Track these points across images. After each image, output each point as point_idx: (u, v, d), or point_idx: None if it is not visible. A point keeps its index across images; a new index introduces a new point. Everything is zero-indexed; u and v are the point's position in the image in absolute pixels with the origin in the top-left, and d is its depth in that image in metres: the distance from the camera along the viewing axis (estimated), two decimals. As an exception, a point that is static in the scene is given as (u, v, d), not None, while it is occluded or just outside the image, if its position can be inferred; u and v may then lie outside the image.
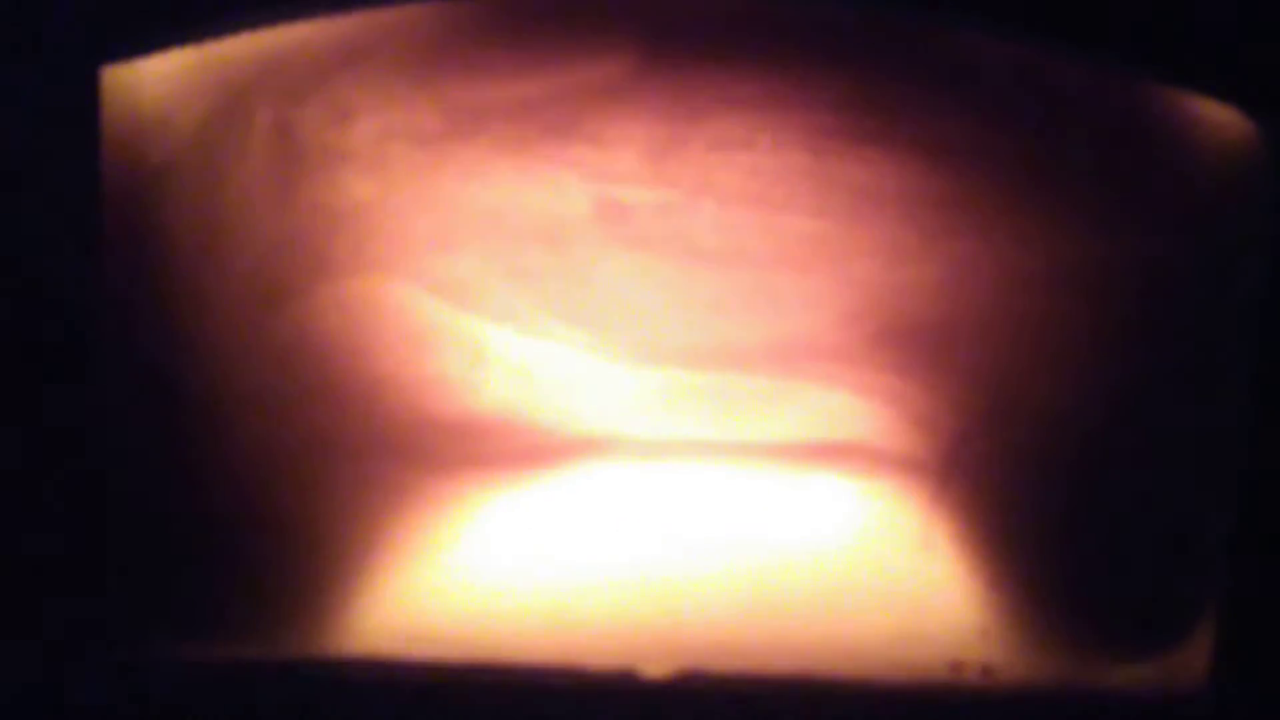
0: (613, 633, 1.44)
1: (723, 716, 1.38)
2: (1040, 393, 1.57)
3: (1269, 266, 1.33)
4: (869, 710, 1.38)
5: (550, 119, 1.60)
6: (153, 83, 1.35)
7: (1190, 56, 1.29)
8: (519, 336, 1.67)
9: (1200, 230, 1.41)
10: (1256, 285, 1.34)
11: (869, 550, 1.57)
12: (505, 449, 1.66)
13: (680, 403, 1.69)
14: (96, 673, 1.36)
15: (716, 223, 1.65)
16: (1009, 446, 1.58)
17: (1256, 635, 1.37)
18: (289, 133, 1.55)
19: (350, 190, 1.60)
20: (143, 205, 1.37)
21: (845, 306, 1.65)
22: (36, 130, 1.30)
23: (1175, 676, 1.40)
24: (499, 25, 1.55)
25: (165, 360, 1.41)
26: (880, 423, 1.67)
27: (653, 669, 1.39)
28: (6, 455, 1.34)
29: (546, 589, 1.50)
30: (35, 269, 1.32)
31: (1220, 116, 1.33)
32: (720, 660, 1.40)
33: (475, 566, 1.54)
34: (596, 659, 1.40)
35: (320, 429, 1.58)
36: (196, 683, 1.38)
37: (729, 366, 1.68)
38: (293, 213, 1.57)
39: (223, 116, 1.45)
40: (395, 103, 1.57)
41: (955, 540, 1.57)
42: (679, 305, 1.67)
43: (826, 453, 1.68)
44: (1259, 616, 1.37)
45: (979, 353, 1.62)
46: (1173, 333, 1.45)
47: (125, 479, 1.37)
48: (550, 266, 1.66)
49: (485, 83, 1.58)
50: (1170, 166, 1.43)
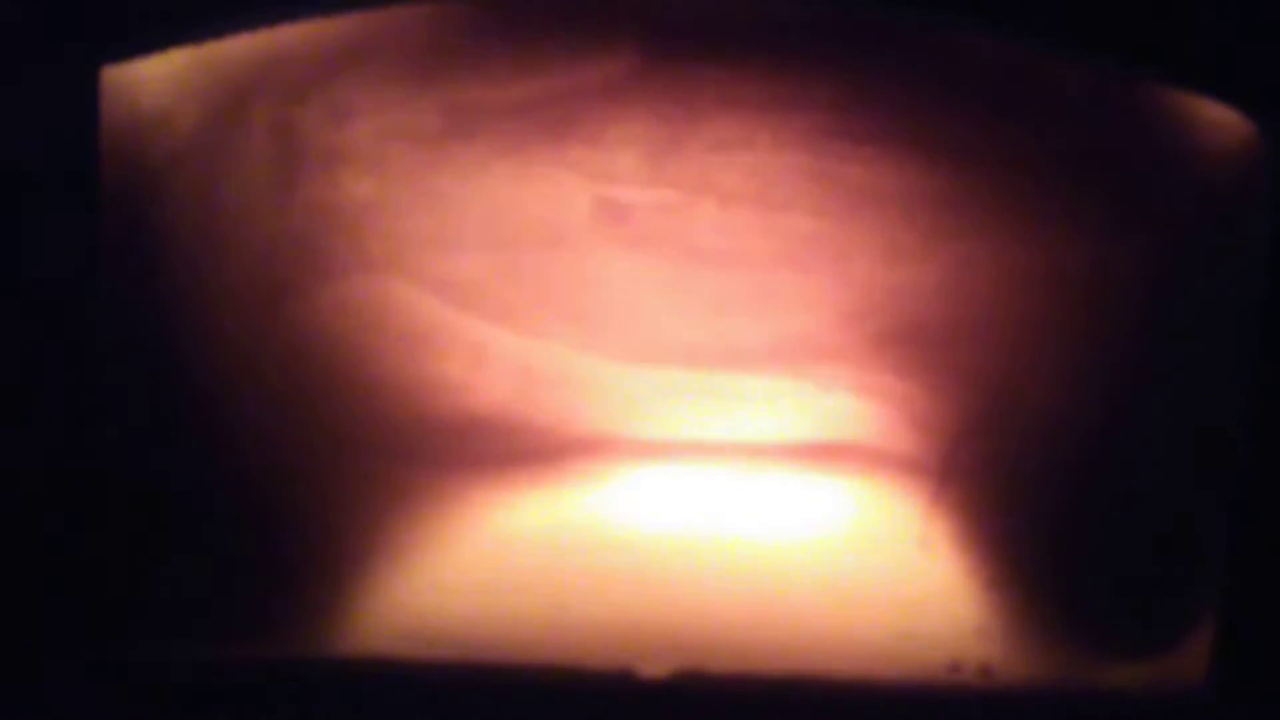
0: (612, 632, 1.44)
1: (722, 716, 1.38)
2: (1040, 393, 1.57)
3: (1269, 266, 1.33)
4: (868, 710, 1.38)
5: (550, 119, 1.60)
6: (152, 83, 1.35)
7: (1190, 56, 1.29)
8: (519, 336, 1.67)
9: (1200, 230, 1.41)
10: (1256, 285, 1.34)
11: (868, 550, 1.57)
12: (505, 449, 1.66)
13: (680, 403, 1.69)
14: (94, 673, 1.36)
15: (716, 223, 1.65)
16: (1009, 446, 1.58)
17: (1256, 635, 1.37)
18: (289, 133, 1.55)
19: (350, 190, 1.60)
20: (142, 205, 1.37)
21: (845, 306, 1.65)
22: (36, 130, 1.30)
23: (1175, 676, 1.40)
24: (498, 25, 1.55)
25: (165, 360, 1.41)
26: (880, 423, 1.67)
27: (652, 669, 1.39)
28: (6, 455, 1.34)
29: (546, 589, 1.50)
30: (35, 269, 1.32)
31: (1220, 116, 1.33)
32: (719, 660, 1.40)
33: (475, 566, 1.54)
34: (596, 659, 1.40)
35: (319, 428, 1.58)
36: (196, 683, 1.38)
37: (729, 366, 1.68)
38: (292, 213, 1.57)
39: (222, 116, 1.45)
40: (395, 103, 1.57)
41: (954, 540, 1.57)
42: (679, 305, 1.66)
43: (826, 453, 1.68)
44: (1259, 616, 1.37)
45: (979, 353, 1.62)
46: (1173, 333, 1.45)
47: (125, 478, 1.37)
48: (550, 266, 1.65)
49: (485, 83, 1.58)
50: (1170, 166, 1.43)
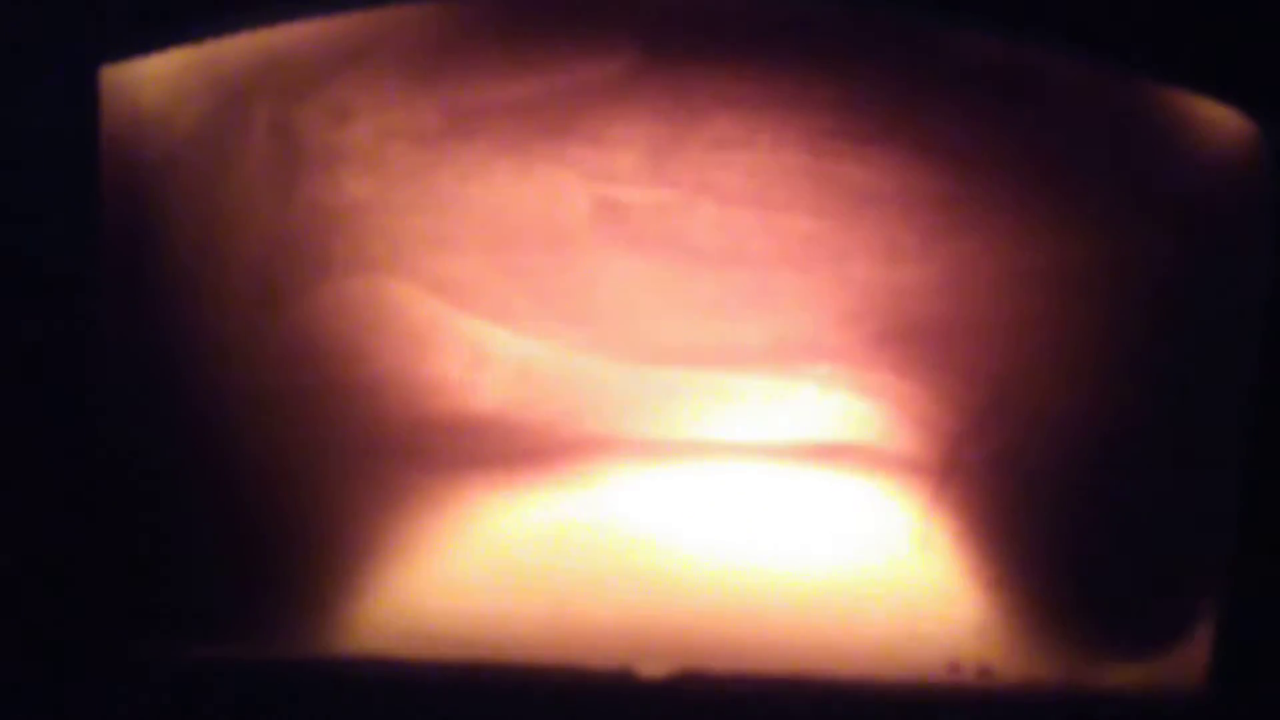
0: (612, 632, 1.44)
1: (721, 716, 1.38)
2: (1040, 393, 1.57)
3: (1269, 266, 1.33)
4: (867, 710, 1.38)
5: (549, 119, 1.60)
6: (152, 82, 1.35)
7: (1190, 56, 1.29)
8: (518, 336, 1.67)
9: (1200, 230, 1.41)
10: (1256, 285, 1.34)
11: (868, 550, 1.57)
12: (504, 449, 1.65)
13: (680, 403, 1.69)
14: (96, 673, 1.36)
15: (716, 223, 1.64)
16: (1008, 446, 1.58)
17: (1256, 635, 1.37)
18: (288, 132, 1.55)
19: (349, 190, 1.60)
20: (142, 204, 1.37)
21: (845, 306, 1.65)
22: (36, 130, 1.30)
23: (1175, 676, 1.40)
24: (498, 25, 1.55)
25: (164, 359, 1.41)
26: (880, 423, 1.67)
27: (651, 668, 1.39)
28: (6, 454, 1.34)
29: (546, 589, 1.50)
30: (35, 268, 1.32)
31: (1220, 116, 1.34)
32: (719, 660, 1.40)
33: (474, 566, 1.54)
34: (596, 658, 1.40)
35: (319, 428, 1.58)
36: (196, 683, 1.38)
37: (728, 366, 1.68)
38: (292, 212, 1.57)
39: (221, 116, 1.45)
40: (394, 102, 1.57)
41: (954, 540, 1.57)
42: (678, 305, 1.66)
43: (826, 453, 1.67)
44: (1259, 616, 1.37)
45: (979, 353, 1.62)
46: (1173, 332, 1.45)
47: (125, 479, 1.37)
48: (549, 266, 1.65)
49: (484, 82, 1.58)
50: (1170, 166, 1.43)
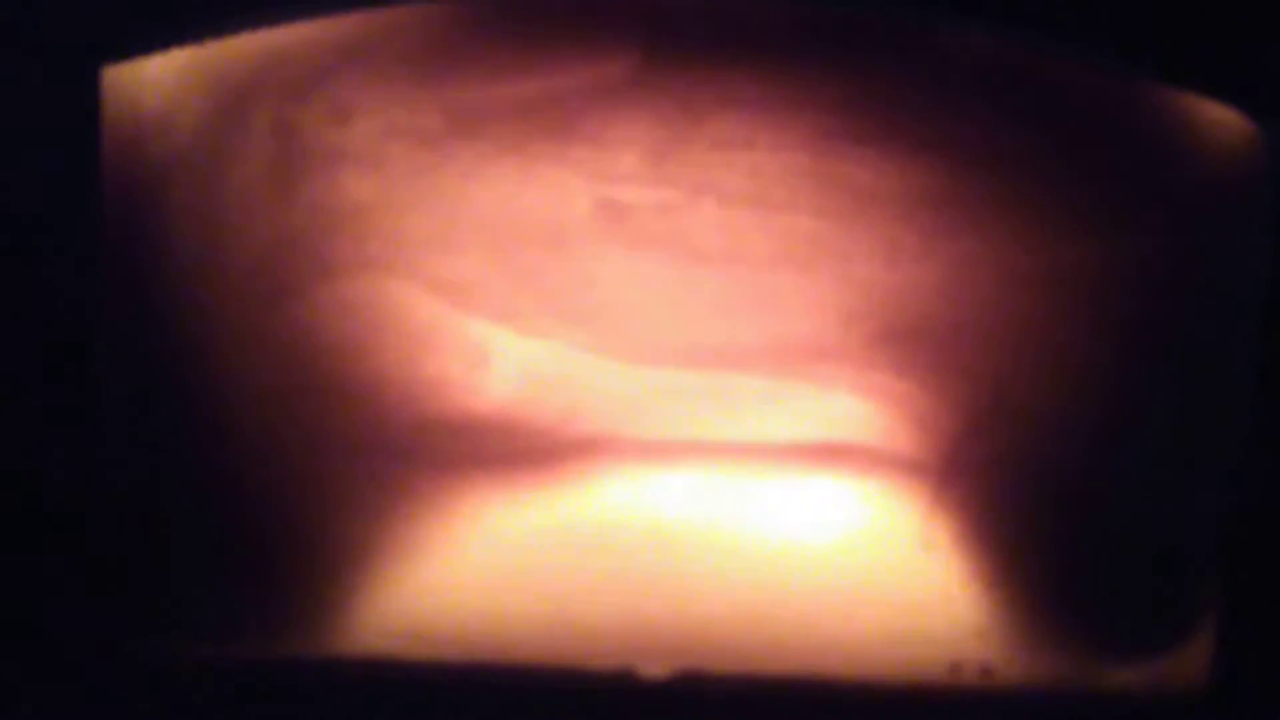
0: (612, 633, 1.44)
1: (722, 717, 1.38)
2: (1040, 393, 1.57)
3: (1269, 266, 1.33)
4: (868, 710, 1.38)
5: (551, 119, 1.60)
6: (153, 82, 1.35)
7: (1190, 56, 1.29)
8: (519, 336, 1.67)
9: (1200, 230, 1.41)
10: (1256, 285, 1.34)
11: (868, 550, 1.57)
12: (505, 449, 1.65)
13: (680, 403, 1.69)
14: (96, 673, 1.36)
15: (717, 223, 1.65)
16: (1009, 447, 1.58)
17: (1256, 635, 1.37)
18: (289, 132, 1.55)
19: (350, 190, 1.60)
20: (143, 205, 1.38)
21: (845, 307, 1.65)
22: (37, 130, 1.30)
23: (1175, 676, 1.40)
24: (499, 25, 1.55)
25: (165, 360, 1.41)
26: (880, 423, 1.67)
27: (652, 669, 1.39)
28: (7, 454, 1.34)
29: (546, 589, 1.50)
30: (36, 268, 1.32)
31: (1220, 117, 1.33)
32: (719, 660, 1.40)
33: (475, 566, 1.54)
34: (596, 659, 1.40)
35: (320, 428, 1.58)
36: (196, 683, 1.38)
37: (729, 366, 1.68)
38: (293, 212, 1.57)
39: (223, 116, 1.45)
40: (395, 102, 1.57)
41: (955, 540, 1.57)
42: (679, 305, 1.66)
43: (826, 453, 1.67)
44: (1258, 617, 1.37)
45: (979, 353, 1.62)
46: (1172, 333, 1.45)
47: (125, 478, 1.37)
48: (550, 266, 1.65)
49: (486, 82, 1.58)
50: (1170, 166, 1.43)
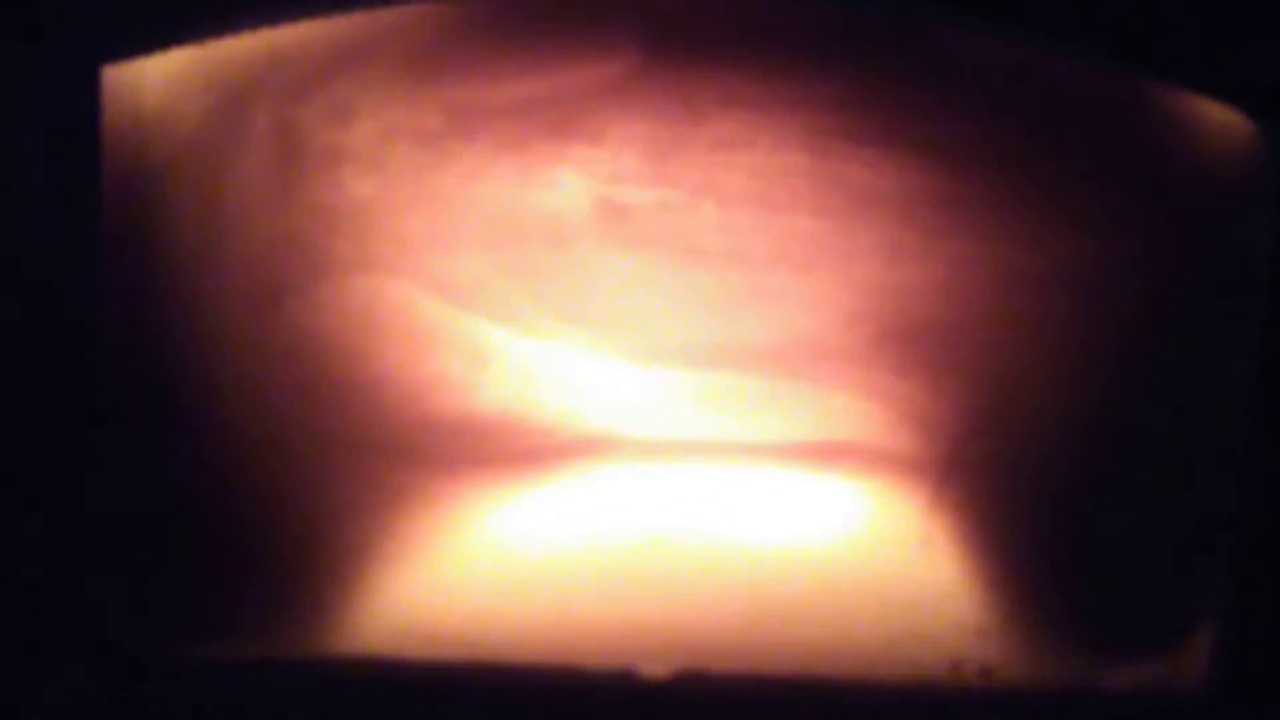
0: (612, 632, 1.44)
1: (722, 716, 1.38)
2: (1040, 393, 1.57)
3: (1269, 266, 1.33)
4: (868, 710, 1.38)
5: (551, 119, 1.61)
6: (153, 82, 1.35)
7: (1190, 56, 1.29)
8: (519, 336, 1.67)
9: (1200, 230, 1.41)
10: (1256, 285, 1.34)
11: (869, 550, 1.57)
12: (505, 448, 1.66)
13: (680, 403, 1.69)
14: (96, 673, 1.36)
15: (717, 223, 1.65)
16: (1009, 446, 1.58)
17: (1256, 635, 1.37)
18: (289, 132, 1.55)
19: (350, 189, 1.60)
20: (143, 204, 1.37)
21: (845, 307, 1.65)
22: (37, 130, 1.30)
23: (1175, 676, 1.39)
24: (500, 25, 1.55)
25: (165, 359, 1.41)
26: (880, 422, 1.67)
27: (652, 669, 1.39)
28: (7, 454, 1.34)
29: (546, 589, 1.50)
30: (36, 268, 1.32)
31: (1220, 116, 1.33)
32: (719, 660, 1.40)
33: (475, 566, 1.54)
34: (596, 659, 1.40)
35: (320, 428, 1.58)
36: (196, 683, 1.38)
37: (729, 366, 1.68)
38: (293, 212, 1.57)
39: (223, 116, 1.45)
40: (396, 102, 1.57)
41: (955, 540, 1.57)
42: (679, 305, 1.67)
43: (826, 453, 1.68)
44: (1259, 617, 1.37)
45: (979, 353, 1.62)
46: (1172, 333, 1.45)
47: (125, 478, 1.37)
48: (551, 266, 1.66)
49: (486, 82, 1.58)
50: (1170, 166, 1.43)
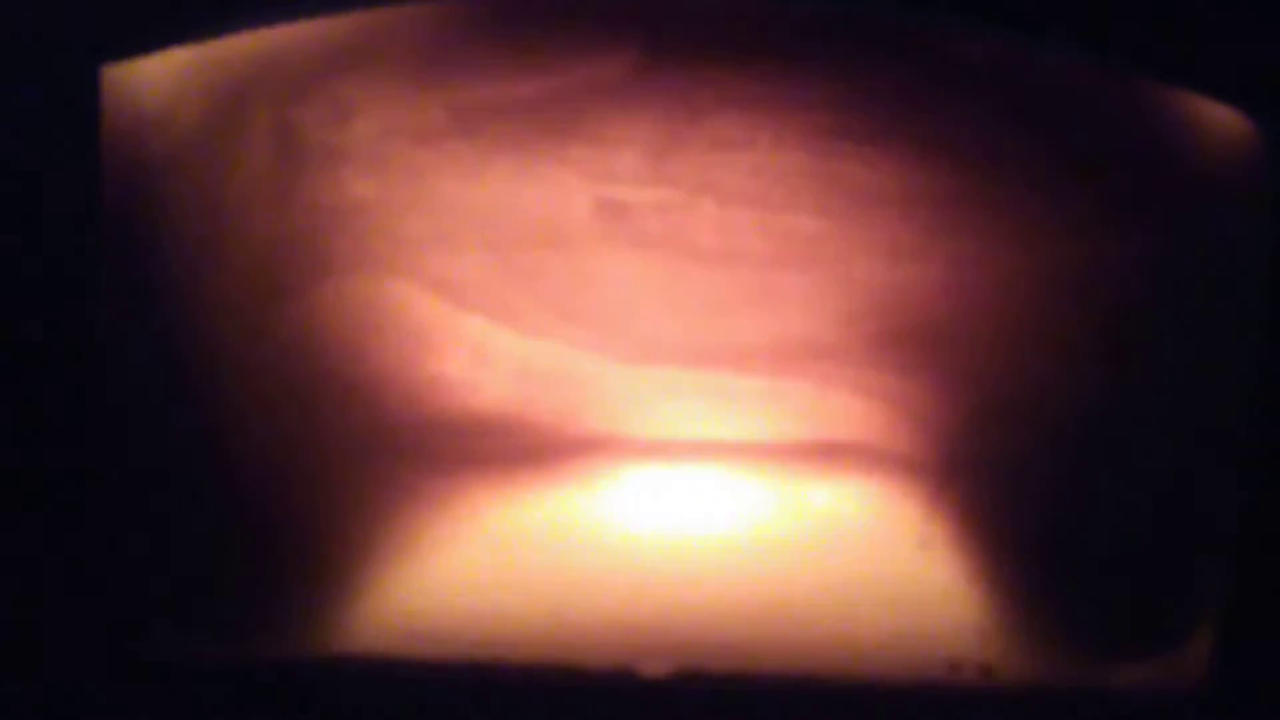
0: (612, 632, 1.44)
1: (722, 716, 1.38)
2: (1040, 392, 1.57)
3: (1269, 266, 1.33)
4: (867, 709, 1.38)
5: (550, 118, 1.60)
6: (152, 82, 1.35)
7: (1190, 56, 1.29)
8: (518, 335, 1.67)
9: (1200, 230, 1.41)
10: (1256, 285, 1.34)
11: (868, 549, 1.57)
12: (504, 448, 1.66)
13: (680, 402, 1.69)
14: (97, 673, 1.36)
15: (716, 222, 1.65)
16: (1009, 446, 1.58)
17: (1256, 635, 1.37)
18: (289, 132, 1.55)
19: (350, 189, 1.60)
20: (142, 204, 1.37)
21: (845, 306, 1.65)
22: (36, 129, 1.30)
23: (1175, 676, 1.39)
24: (499, 24, 1.55)
25: (165, 359, 1.41)
26: (880, 422, 1.67)
27: (652, 668, 1.39)
28: (7, 454, 1.34)
29: (546, 588, 1.50)
30: (35, 268, 1.32)
31: (1220, 116, 1.33)
32: (719, 659, 1.40)
33: (475, 565, 1.54)
34: (596, 658, 1.40)
35: (320, 427, 1.58)
36: (197, 682, 1.38)
37: (729, 366, 1.68)
38: (292, 211, 1.57)
39: (222, 115, 1.45)
40: (395, 102, 1.57)
41: (954, 540, 1.57)
42: (679, 304, 1.67)
43: (826, 453, 1.68)
44: (1259, 617, 1.37)
45: (979, 352, 1.62)
46: (1173, 333, 1.45)
47: (125, 478, 1.37)
48: (550, 265, 1.65)
49: (485, 82, 1.58)
50: (1170, 166, 1.43)
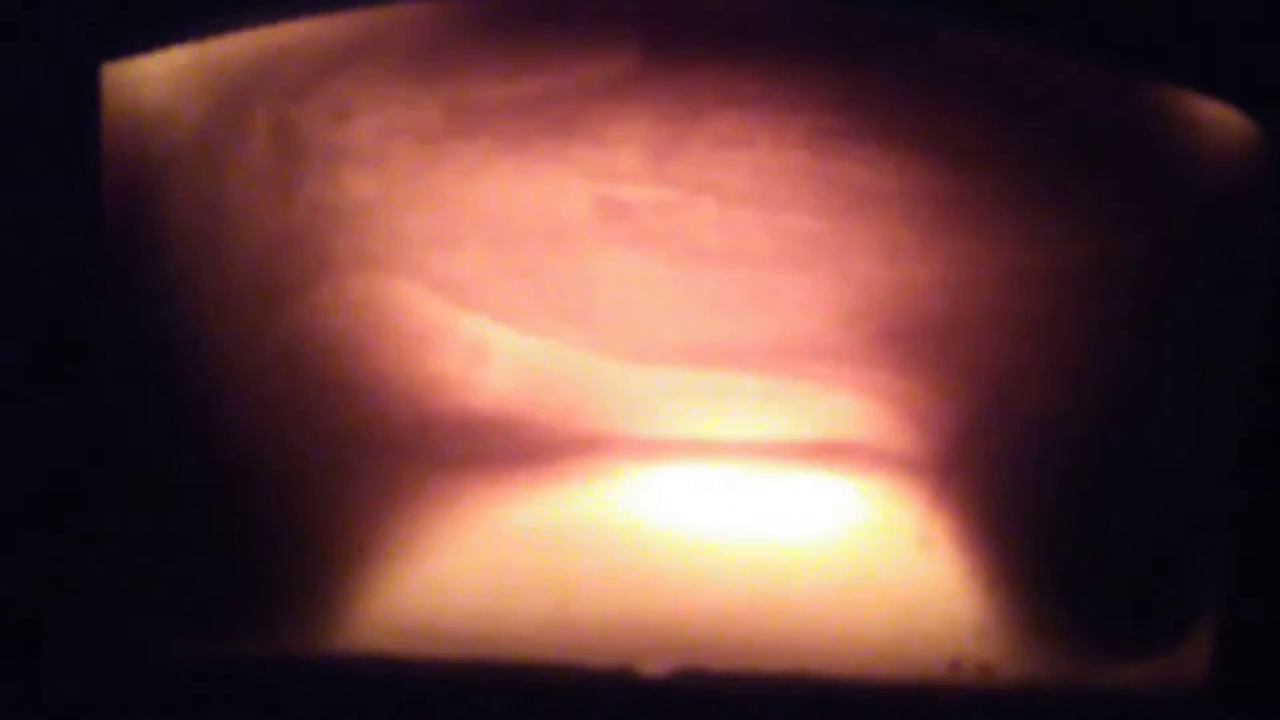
0: (612, 631, 1.44)
1: (722, 715, 1.38)
2: (1040, 392, 1.57)
3: (1269, 266, 1.33)
4: (867, 709, 1.38)
5: (551, 117, 1.60)
6: (153, 80, 1.35)
7: (1190, 56, 1.29)
8: (519, 334, 1.67)
9: (1200, 230, 1.41)
10: (1258, 284, 1.34)
11: (868, 549, 1.57)
12: (505, 447, 1.66)
13: (680, 402, 1.69)
14: (97, 673, 1.36)
15: (717, 221, 1.65)
16: (1009, 446, 1.58)
17: (1256, 635, 1.37)
18: (289, 131, 1.55)
19: (350, 188, 1.60)
20: (143, 203, 1.37)
21: (846, 305, 1.65)
22: (37, 128, 1.30)
23: (1175, 676, 1.40)
24: (500, 23, 1.55)
25: (165, 358, 1.41)
26: (880, 421, 1.67)
27: (652, 667, 1.39)
28: (7, 453, 1.34)
29: (546, 587, 1.50)
30: (36, 266, 1.32)
31: (1220, 116, 1.33)
32: (719, 659, 1.40)
33: (475, 564, 1.54)
34: (596, 657, 1.40)
35: (319, 426, 1.58)
36: (197, 681, 1.38)
37: (729, 365, 1.68)
38: (293, 210, 1.57)
39: (223, 114, 1.45)
40: (396, 100, 1.57)
41: (954, 539, 1.57)
42: (679, 304, 1.67)
43: (826, 452, 1.68)
44: (1259, 617, 1.37)
45: (979, 352, 1.62)
46: (1173, 333, 1.45)
47: (126, 478, 1.37)
48: (551, 265, 1.65)
49: (486, 81, 1.58)
50: (1170, 166, 1.43)
